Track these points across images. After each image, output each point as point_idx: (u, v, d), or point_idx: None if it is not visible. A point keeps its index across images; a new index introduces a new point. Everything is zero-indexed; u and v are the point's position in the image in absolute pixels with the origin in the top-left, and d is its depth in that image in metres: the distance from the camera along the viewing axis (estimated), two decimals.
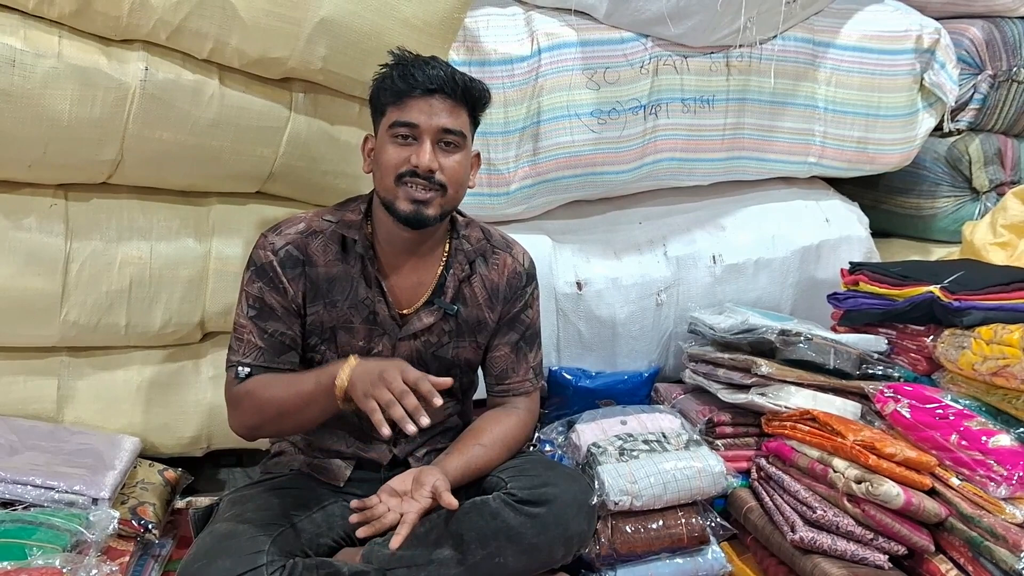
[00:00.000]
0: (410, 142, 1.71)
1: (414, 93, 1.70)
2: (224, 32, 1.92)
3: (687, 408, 2.36)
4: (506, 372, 1.93)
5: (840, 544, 1.88)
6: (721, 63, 2.58)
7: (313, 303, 1.80)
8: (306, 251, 1.79)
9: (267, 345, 1.77)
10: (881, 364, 2.28)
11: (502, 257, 1.91)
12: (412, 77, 1.70)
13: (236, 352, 1.78)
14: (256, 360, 1.77)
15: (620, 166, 2.55)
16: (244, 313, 1.79)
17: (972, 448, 1.89)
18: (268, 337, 1.77)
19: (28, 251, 1.96)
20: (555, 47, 2.41)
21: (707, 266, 2.65)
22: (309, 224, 1.82)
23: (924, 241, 3.05)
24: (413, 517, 1.57)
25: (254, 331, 1.77)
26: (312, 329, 1.82)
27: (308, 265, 1.79)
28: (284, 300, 1.78)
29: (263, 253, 1.78)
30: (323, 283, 1.80)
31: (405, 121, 1.70)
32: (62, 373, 2.09)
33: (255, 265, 1.79)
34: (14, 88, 1.78)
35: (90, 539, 1.72)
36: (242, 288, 1.81)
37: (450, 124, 1.72)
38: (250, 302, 1.78)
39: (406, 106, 1.71)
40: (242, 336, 1.78)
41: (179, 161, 2.04)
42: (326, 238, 1.81)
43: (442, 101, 1.71)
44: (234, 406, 1.78)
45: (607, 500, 1.95)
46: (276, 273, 1.77)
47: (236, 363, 1.77)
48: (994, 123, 2.97)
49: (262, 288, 1.77)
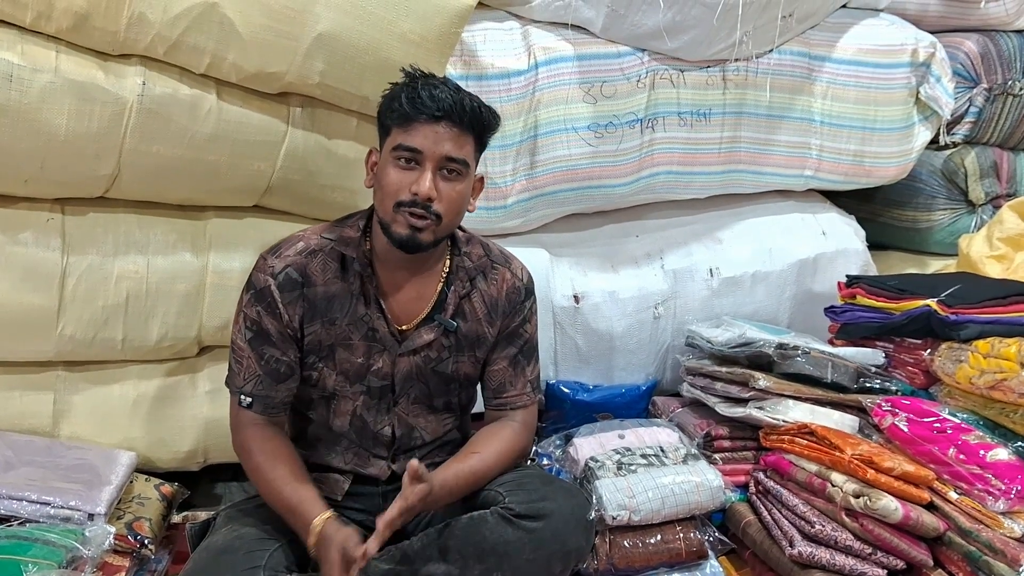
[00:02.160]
0: (412, 167, 1.69)
1: (420, 118, 1.68)
2: (222, 47, 1.92)
3: (685, 422, 2.36)
4: (504, 386, 1.92)
5: (839, 559, 1.87)
6: (717, 77, 2.59)
7: (311, 323, 1.80)
8: (305, 272, 1.78)
9: (265, 372, 1.78)
10: (879, 377, 2.28)
11: (501, 272, 1.91)
12: (420, 101, 1.67)
13: (237, 376, 1.80)
14: (256, 389, 1.78)
15: (617, 179, 2.55)
16: (243, 335, 1.79)
17: (970, 462, 1.89)
18: (265, 364, 1.78)
19: (24, 266, 1.95)
20: (552, 61, 2.41)
21: (704, 279, 2.65)
22: (308, 243, 1.81)
23: (920, 254, 3.06)
24: (388, 519, 1.57)
25: (252, 356, 1.78)
26: (310, 348, 1.81)
27: (307, 286, 1.78)
28: (280, 325, 1.78)
29: (262, 277, 1.78)
30: (321, 302, 1.79)
31: (409, 146, 1.68)
32: (58, 388, 2.08)
33: (254, 289, 1.78)
34: (11, 103, 1.79)
35: (86, 555, 1.71)
36: (240, 308, 1.81)
37: (454, 152, 1.70)
38: (248, 324, 1.79)
39: (411, 130, 1.69)
40: (241, 360, 1.79)
41: (176, 175, 2.04)
42: (325, 256, 1.80)
43: (448, 128, 1.68)
44: (235, 433, 1.82)
45: (605, 515, 1.95)
46: (274, 298, 1.77)
47: (238, 390, 1.79)
48: (990, 136, 2.97)
49: (260, 312, 1.77)
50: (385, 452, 1.88)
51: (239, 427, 1.81)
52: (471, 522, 1.69)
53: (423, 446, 1.91)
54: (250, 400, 1.78)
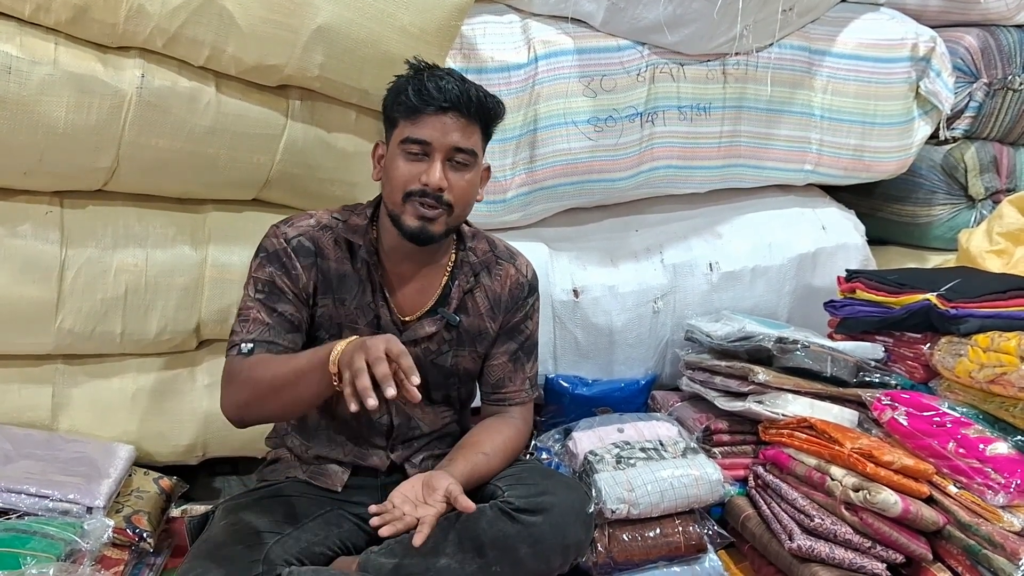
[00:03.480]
0: (421, 158, 1.70)
1: (427, 110, 1.68)
2: (221, 39, 1.92)
3: (684, 416, 2.36)
4: (503, 381, 1.92)
5: (838, 552, 1.87)
6: (718, 71, 2.58)
7: (324, 295, 1.80)
8: (317, 244, 1.79)
9: (274, 322, 1.74)
10: (878, 372, 2.28)
11: (506, 268, 1.91)
12: (427, 93, 1.68)
13: (239, 333, 1.73)
14: (261, 336, 1.71)
15: (617, 174, 2.55)
16: (251, 296, 1.75)
17: (970, 456, 1.89)
18: (277, 315, 1.74)
19: (23, 258, 1.95)
20: (552, 55, 2.41)
21: (704, 274, 2.65)
22: (319, 220, 1.82)
23: (920, 249, 3.05)
24: (432, 519, 1.55)
25: (262, 310, 1.74)
26: (321, 322, 1.81)
27: (320, 257, 1.79)
28: (295, 286, 1.77)
29: (276, 241, 1.78)
30: (334, 278, 1.80)
31: (417, 138, 1.69)
32: (57, 381, 2.08)
33: (266, 252, 1.77)
34: (10, 95, 1.78)
35: (85, 548, 1.71)
36: (249, 275, 1.78)
37: (462, 143, 1.70)
38: (259, 287, 1.75)
39: (419, 122, 1.69)
40: (247, 316, 1.74)
41: (175, 168, 2.03)
42: (335, 234, 1.81)
43: (455, 119, 1.69)
44: (228, 381, 1.71)
45: (604, 508, 1.95)
46: (290, 258, 1.76)
47: (239, 342, 1.72)
48: (989, 131, 2.97)
49: (273, 272, 1.75)
50: (383, 442, 1.88)
51: (230, 376, 1.69)
52: (471, 517, 1.69)
53: (421, 437, 1.91)
54: (251, 346, 1.70)
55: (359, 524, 1.85)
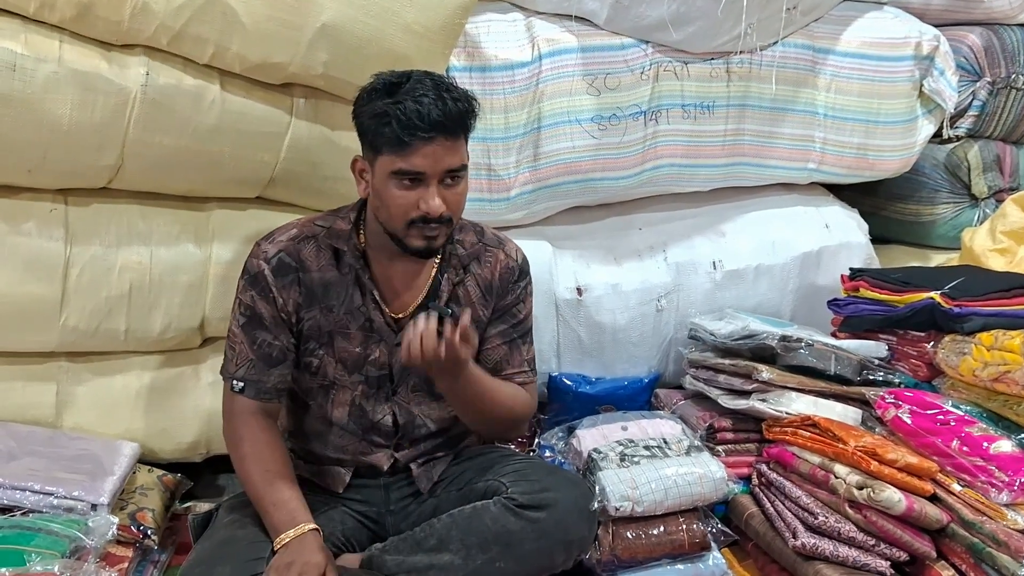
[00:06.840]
0: (415, 186, 1.67)
1: (415, 143, 1.63)
2: (225, 37, 1.92)
3: (687, 414, 2.36)
4: (500, 364, 1.91)
5: (842, 550, 1.87)
6: (721, 69, 2.58)
7: (309, 308, 1.80)
8: (299, 257, 1.79)
9: (257, 357, 1.78)
10: (882, 370, 2.28)
11: (495, 254, 1.91)
12: (412, 125, 1.61)
13: (230, 361, 1.80)
14: (248, 374, 1.78)
15: (620, 172, 2.54)
16: (237, 321, 1.80)
17: (973, 454, 1.89)
18: (257, 348, 1.78)
19: (28, 256, 1.95)
20: (556, 53, 2.41)
21: (707, 272, 2.65)
22: (301, 230, 1.82)
23: (923, 248, 3.05)
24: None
25: (245, 341, 1.78)
26: (310, 334, 1.81)
27: (302, 271, 1.78)
28: (273, 310, 1.78)
29: (256, 262, 1.78)
30: (318, 288, 1.79)
31: (410, 171, 1.65)
32: (61, 378, 2.08)
33: (248, 274, 1.79)
34: (14, 93, 1.79)
35: (89, 545, 1.71)
36: (236, 295, 1.82)
37: (454, 163, 1.68)
38: (242, 310, 1.79)
39: (408, 155, 1.64)
40: (235, 346, 1.80)
41: (179, 166, 2.04)
42: (318, 243, 1.80)
43: (443, 142, 1.65)
44: (227, 420, 1.82)
45: (608, 506, 1.95)
46: (267, 282, 1.77)
47: (231, 375, 1.79)
48: (993, 130, 2.97)
49: (254, 297, 1.78)
50: (387, 441, 1.88)
51: (231, 414, 1.81)
52: (474, 512, 1.70)
53: (429, 436, 1.91)
54: (242, 385, 1.78)
55: (362, 521, 1.85)
